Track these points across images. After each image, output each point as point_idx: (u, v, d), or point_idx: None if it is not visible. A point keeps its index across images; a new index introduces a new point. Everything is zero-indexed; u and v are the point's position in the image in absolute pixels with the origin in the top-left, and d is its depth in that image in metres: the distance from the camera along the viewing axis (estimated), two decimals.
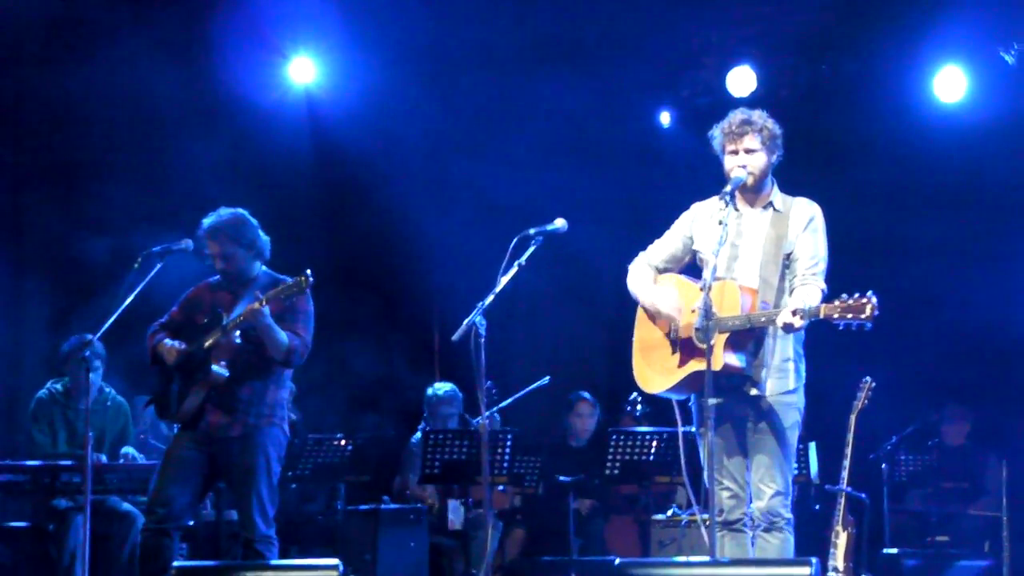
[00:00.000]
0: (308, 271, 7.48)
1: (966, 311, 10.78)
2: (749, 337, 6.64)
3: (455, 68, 11.86)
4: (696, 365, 6.63)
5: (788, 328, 6.40)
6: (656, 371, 6.86)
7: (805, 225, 6.80)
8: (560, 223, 7.41)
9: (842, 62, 11.82)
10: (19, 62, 10.95)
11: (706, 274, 6.54)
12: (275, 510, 7.69)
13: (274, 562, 7.47)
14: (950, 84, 11.47)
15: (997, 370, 10.88)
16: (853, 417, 9.87)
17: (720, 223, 6.61)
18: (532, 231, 7.36)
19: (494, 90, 11.90)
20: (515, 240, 7.34)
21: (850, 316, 6.24)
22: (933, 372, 11.01)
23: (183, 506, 7.64)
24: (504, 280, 7.26)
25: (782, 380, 6.75)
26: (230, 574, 7.06)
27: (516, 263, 7.29)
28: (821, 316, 6.33)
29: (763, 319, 6.52)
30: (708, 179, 7.40)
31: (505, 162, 11.92)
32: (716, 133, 6.89)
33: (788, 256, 6.76)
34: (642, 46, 11.94)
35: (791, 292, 6.69)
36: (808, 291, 6.61)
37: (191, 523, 8.74)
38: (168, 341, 7.81)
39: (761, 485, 6.71)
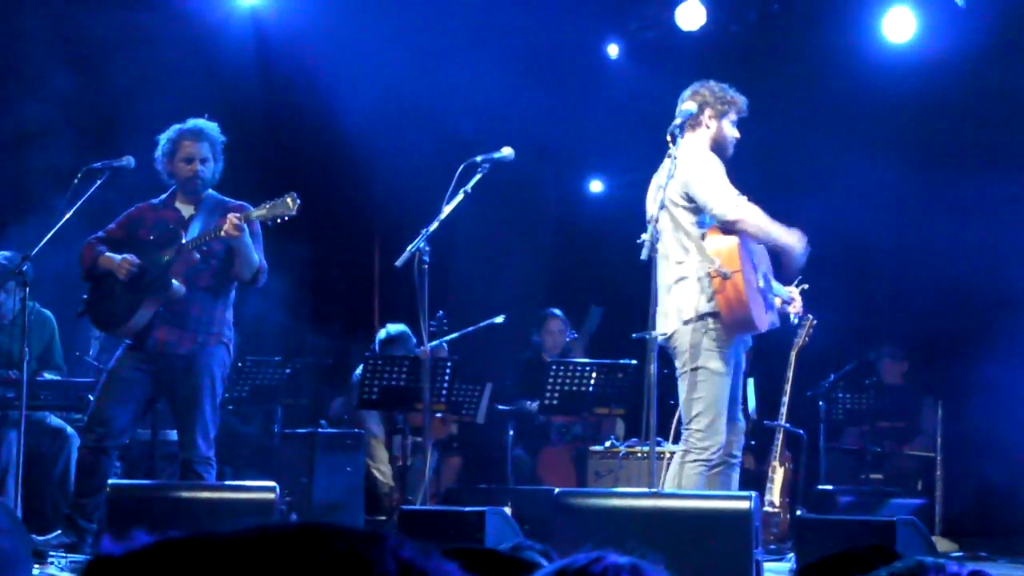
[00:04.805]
0: (295, 193, 7.40)
1: (908, 252, 10.83)
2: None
3: None
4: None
5: None
6: (764, 309, 7.05)
7: None
8: (507, 151, 7.42)
9: None
10: None
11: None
12: (216, 431, 7.66)
13: (212, 483, 7.46)
14: (899, 24, 11.45)
15: (935, 311, 10.93)
16: (793, 354, 9.93)
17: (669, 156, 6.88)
18: (479, 158, 7.37)
19: (445, 14, 11.77)
20: (461, 167, 7.34)
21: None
22: (873, 312, 11.05)
23: (122, 426, 7.61)
24: (449, 208, 7.25)
25: None
26: (167, 493, 7.06)
27: (462, 190, 7.28)
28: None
29: None
30: (652, 113, 7.40)
31: (455, 89, 11.82)
32: (736, 102, 7.14)
33: None
34: None
35: None
36: None
37: (127, 442, 8.67)
38: (114, 254, 7.70)
39: (736, 422, 7.11)
